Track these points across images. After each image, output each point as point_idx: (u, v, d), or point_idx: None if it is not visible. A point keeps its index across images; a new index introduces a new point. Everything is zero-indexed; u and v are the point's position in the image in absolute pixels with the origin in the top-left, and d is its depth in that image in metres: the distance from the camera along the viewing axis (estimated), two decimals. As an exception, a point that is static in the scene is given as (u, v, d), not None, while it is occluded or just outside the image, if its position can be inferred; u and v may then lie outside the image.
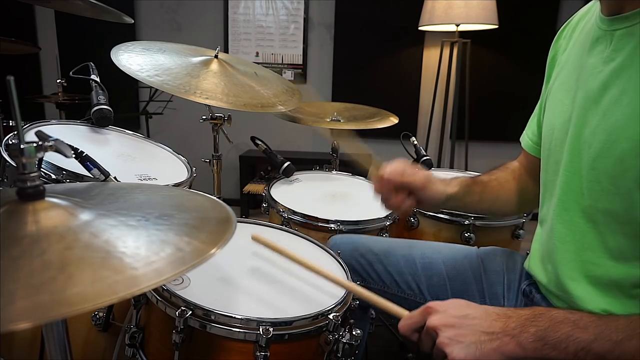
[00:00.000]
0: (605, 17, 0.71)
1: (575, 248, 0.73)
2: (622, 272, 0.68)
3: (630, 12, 0.66)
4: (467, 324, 0.66)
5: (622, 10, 0.67)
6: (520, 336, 0.62)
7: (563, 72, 0.83)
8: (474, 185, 0.97)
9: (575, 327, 0.61)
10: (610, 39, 0.69)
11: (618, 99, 0.66)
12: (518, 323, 0.64)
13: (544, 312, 0.65)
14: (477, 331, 0.64)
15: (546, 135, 0.85)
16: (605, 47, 0.70)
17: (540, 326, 0.63)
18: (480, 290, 0.96)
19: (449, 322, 0.66)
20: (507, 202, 1.00)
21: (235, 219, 0.56)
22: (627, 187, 0.64)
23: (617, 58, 0.67)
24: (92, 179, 0.96)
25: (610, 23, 0.70)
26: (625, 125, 0.64)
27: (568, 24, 0.88)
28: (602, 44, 0.71)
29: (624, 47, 0.67)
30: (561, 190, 0.76)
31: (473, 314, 0.67)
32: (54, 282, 0.40)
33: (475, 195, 0.97)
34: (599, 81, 0.70)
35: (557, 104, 0.82)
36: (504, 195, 1.00)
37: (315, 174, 1.65)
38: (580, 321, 0.62)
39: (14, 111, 0.48)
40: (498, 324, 0.65)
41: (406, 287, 0.99)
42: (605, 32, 0.70)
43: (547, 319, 0.63)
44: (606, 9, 0.71)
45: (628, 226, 0.66)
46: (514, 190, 1.00)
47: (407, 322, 0.71)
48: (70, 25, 3.34)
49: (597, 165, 0.68)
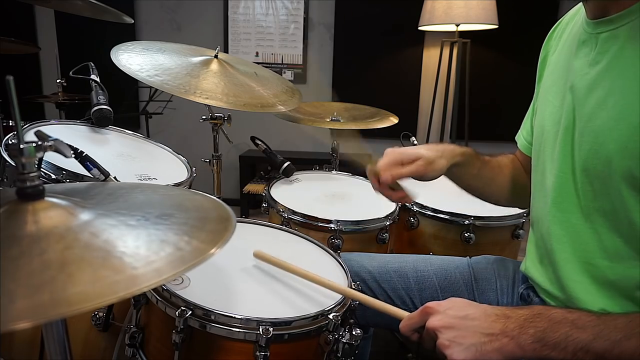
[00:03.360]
0: (590, 20, 0.71)
1: (573, 249, 0.73)
2: (619, 273, 0.68)
3: (614, 15, 0.66)
4: (467, 325, 0.66)
5: (607, 13, 0.68)
6: (520, 337, 0.63)
7: (553, 74, 0.84)
8: (475, 158, 0.96)
9: (574, 327, 0.61)
10: (596, 42, 0.70)
11: (604, 101, 0.66)
12: (517, 324, 0.64)
13: (542, 311, 0.65)
14: (477, 332, 0.65)
15: (536, 136, 0.86)
16: (591, 50, 0.71)
17: (539, 327, 0.63)
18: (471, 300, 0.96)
19: (449, 323, 0.66)
20: (501, 187, 1.01)
21: (235, 218, 0.56)
22: (617, 187, 0.65)
23: (602, 60, 0.68)
24: (92, 179, 0.96)
25: (595, 26, 0.70)
26: (611, 127, 0.65)
27: (558, 24, 0.89)
28: (588, 46, 0.72)
29: (609, 49, 0.67)
30: (555, 192, 0.76)
31: (472, 315, 0.67)
32: (54, 282, 0.40)
33: (474, 169, 0.96)
34: (585, 83, 0.71)
35: (547, 105, 0.82)
36: (500, 178, 1.00)
37: (315, 174, 1.65)
38: (578, 320, 0.62)
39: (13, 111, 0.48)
40: (497, 325, 0.65)
41: (400, 302, 0.99)
42: (591, 35, 0.71)
43: (545, 319, 0.63)
44: (591, 12, 0.71)
45: (622, 226, 0.66)
46: (510, 177, 1.01)
47: (407, 323, 0.72)
48: (70, 25, 3.34)
49: (588, 166, 0.69)
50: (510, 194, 1.01)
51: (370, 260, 1.05)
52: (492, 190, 1.01)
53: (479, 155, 0.97)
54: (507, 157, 1.04)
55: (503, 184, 1.01)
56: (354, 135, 1.48)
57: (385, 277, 1.00)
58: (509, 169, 1.01)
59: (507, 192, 1.01)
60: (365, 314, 0.95)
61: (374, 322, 1.02)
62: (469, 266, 1.02)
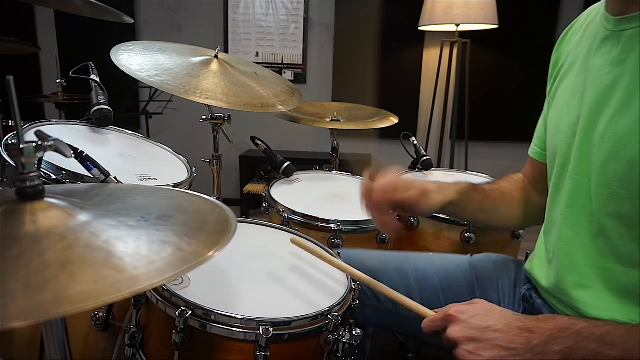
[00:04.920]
0: (612, 17, 0.69)
1: (583, 253, 0.71)
2: (632, 278, 0.66)
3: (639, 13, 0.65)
4: (488, 337, 0.64)
5: (630, 10, 0.66)
6: (545, 355, 0.60)
7: (569, 75, 0.81)
8: (473, 193, 0.93)
9: (603, 343, 0.59)
10: (619, 40, 0.68)
11: (627, 101, 0.64)
12: (541, 340, 0.62)
13: (568, 326, 0.62)
14: (497, 346, 0.63)
15: (552, 138, 0.83)
16: (613, 48, 0.68)
17: (565, 344, 0.60)
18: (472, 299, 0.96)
19: (469, 335, 0.65)
20: (509, 214, 0.96)
21: (235, 219, 0.56)
22: (638, 191, 0.63)
23: (627, 59, 0.66)
24: (92, 179, 0.95)
25: (617, 23, 0.68)
26: (635, 128, 0.62)
27: (572, 26, 0.87)
28: (609, 44, 0.69)
29: (634, 47, 0.65)
30: (569, 195, 0.74)
31: (495, 326, 0.65)
32: (56, 281, 0.40)
33: (474, 204, 0.93)
34: (607, 82, 0.68)
35: (563, 106, 0.80)
36: (506, 206, 0.96)
37: (315, 174, 1.65)
38: (607, 336, 0.59)
39: (13, 111, 0.48)
40: (520, 339, 0.63)
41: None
42: (613, 33, 0.69)
43: (572, 334, 0.61)
44: (612, 9, 0.69)
45: (637, 231, 0.64)
46: (518, 202, 0.96)
47: (430, 325, 0.71)
48: (70, 25, 3.34)
49: (607, 169, 0.67)
50: (522, 219, 0.97)
51: (370, 258, 1.04)
52: (499, 218, 0.98)
53: (478, 188, 0.94)
54: (511, 181, 0.99)
55: (510, 211, 0.96)
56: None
57: (385, 275, 0.99)
58: (514, 195, 0.97)
59: (518, 218, 0.97)
60: (365, 313, 0.95)
61: (374, 322, 1.01)
62: (470, 265, 1.00)
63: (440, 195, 0.87)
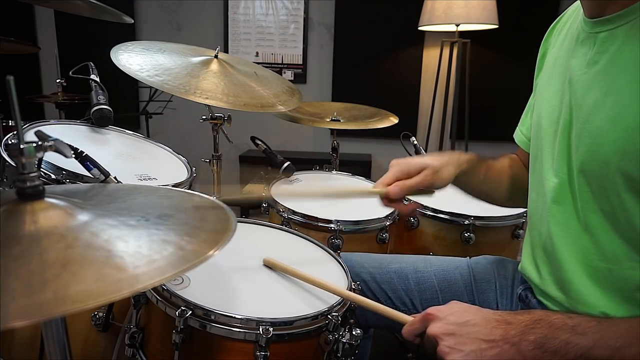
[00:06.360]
0: (589, 19, 0.70)
1: (573, 250, 0.73)
2: (618, 275, 0.67)
3: (613, 15, 0.66)
4: (467, 331, 0.66)
5: (604, 12, 0.67)
6: (520, 344, 0.63)
7: (551, 70, 0.83)
8: (480, 164, 0.96)
9: (574, 333, 0.61)
10: (594, 42, 0.69)
11: (602, 102, 0.66)
12: (518, 330, 0.64)
13: (543, 317, 0.65)
14: (477, 339, 0.64)
15: (534, 134, 0.85)
16: (589, 49, 0.70)
17: (540, 333, 0.63)
18: (471, 300, 0.96)
19: (449, 330, 0.66)
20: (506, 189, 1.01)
21: (235, 218, 0.56)
22: (615, 189, 0.64)
23: (600, 61, 0.67)
24: (92, 179, 0.95)
25: (592, 25, 0.69)
26: (609, 128, 0.64)
27: (559, 20, 0.88)
28: (586, 45, 0.71)
29: (607, 49, 0.67)
30: (555, 193, 0.75)
31: (473, 321, 0.67)
32: (56, 280, 0.40)
33: (479, 174, 0.96)
34: (583, 83, 0.70)
35: (544, 102, 0.82)
36: (505, 181, 1.00)
37: (315, 174, 1.65)
38: (578, 327, 0.62)
39: (13, 111, 0.48)
40: (498, 331, 0.65)
41: (400, 303, 0.99)
42: (589, 34, 0.70)
43: (546, 325, 0.63)
44: (588, 11, 0.71)
45: (622, 227, 0.66)
46: (507, 177, 1.00)
47: (409, 329, 0.72)
48: (70, 25, 3.34)
49: (585, 168, 0.68)
50: (510, 194, 1.01)
51: (370, 260, 1.05)
52: (498, 193, 1.01)
53: (483, 160, 0.97)
54: (508, 158, 1.04)
55: (507, 186, 1.01)
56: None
57: (385, 277, 1.00)
58: (507, 171, 1.01)
59: (508, 193, 1.01)
60: (365, 314, 0.95)
61: (374, 322, 1.02)
62: (468, 267, 1.01)
63: (452, 168, 0.90)
